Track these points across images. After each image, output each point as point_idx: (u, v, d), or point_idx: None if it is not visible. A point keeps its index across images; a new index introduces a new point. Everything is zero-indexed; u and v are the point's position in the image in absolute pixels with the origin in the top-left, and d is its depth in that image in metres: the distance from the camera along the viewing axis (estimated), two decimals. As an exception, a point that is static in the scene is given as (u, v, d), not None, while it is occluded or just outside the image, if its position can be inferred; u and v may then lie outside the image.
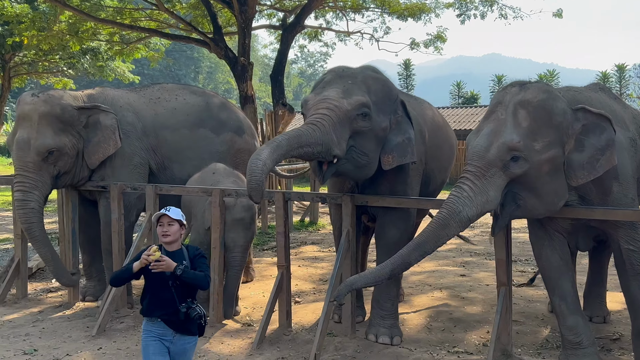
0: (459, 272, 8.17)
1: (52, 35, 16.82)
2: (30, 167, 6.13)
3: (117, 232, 6.33)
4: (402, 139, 5.11)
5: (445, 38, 18.72)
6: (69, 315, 6.31)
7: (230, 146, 7.19)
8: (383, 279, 4.23)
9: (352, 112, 4.79)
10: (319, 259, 9.24)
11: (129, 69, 23.93)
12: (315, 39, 19.64)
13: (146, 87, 7.37)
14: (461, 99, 39.03)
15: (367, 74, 5.12)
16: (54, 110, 6.24)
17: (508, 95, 4.32)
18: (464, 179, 4.22)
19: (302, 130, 4.68)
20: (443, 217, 4.17)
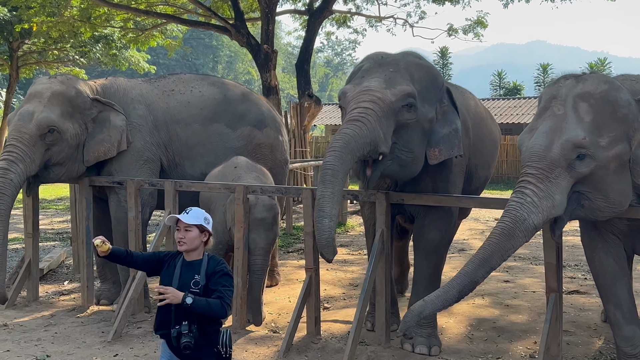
0: (502, 278, 8.12)
1: (63, 21, 17.04)
2: (25, 139, 6.13)
3: (134, 230, 6.41)
4: (449, 131, 5.06)
5: (486, 24, 18.60)
6: (82, 320, 6.38)
7: (249, 141, 7.20)
8: (452, 301, 4.06)
9: (397, 104, 4.72)
10: (349, 262, 9.25)
11: (144, 58, 24.16)
12: (344, 25, 19.60)
13: (162, 77, 7.43)
14: (503, 90, 38.75)
15: (409, 60, 5.05)
16: (69, 91, 6.36)
17: (563, 88, 4.23)
18: (526, 183, 4.08)
19: (348, 135, 4.52)
20: (507, 226, 4.02)
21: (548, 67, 38.60)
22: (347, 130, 4.57)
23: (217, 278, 3.45)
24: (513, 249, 4.08)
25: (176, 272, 3.51)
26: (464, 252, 9.95)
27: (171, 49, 20.16)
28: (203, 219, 3.52)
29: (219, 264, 3.53)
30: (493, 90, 39.94)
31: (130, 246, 6.41)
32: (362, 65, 5.13)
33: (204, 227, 3.51)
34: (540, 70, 38.91)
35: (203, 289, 3.44)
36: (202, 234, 3.52)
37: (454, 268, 8.57)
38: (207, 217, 3.56)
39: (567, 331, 5.76)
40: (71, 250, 8.90)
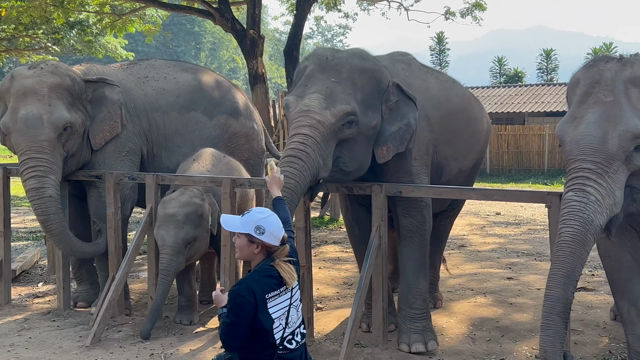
0: (505, 275, 8.13)
1: (34, 6, 16.89)
2: (45, 148, 5.99)
3: (113, 227, 6.36)
4: (398, 127, 5.21)
5: (484, 6, 18.61)
6: (58, 324, 6.33)
7: (225, 130, 7.23)
8: (564, 333, 3.83)
9: (337, 124, 4.90)
10: (342, 260, 9.24)
11: (122, 44, 24.01)
12: (334, 8, 19.56)
13: (133, 63, 7.40)
14: (503, 77, 38.81)
15: (353, 65, 5.15)
16: (65, 81, 6.26)
17: (607, 72, 4.09)
18: (585, 179, 3.91)
19: (292, 184, 4.68)
20: (578, 231, 3.83)
21: (551, 52, 38.69)
22: (289, 180, 4.65)
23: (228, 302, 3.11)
24: (587, 255, 3.91)
25: None
26: (464, 249, 9.95)
27: (150, 34, 20.04)
28: (253, 228, 3.09)
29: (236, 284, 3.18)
30: (493, 78, 39.99)
31: (109, 244, 6.37)
32: (306, 66, 5.28)
33: (254, 237, 3.10)
34: (543, 56, 39.00)
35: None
36: (253, 244, 3.12)
37: (454, 265, 8.63)
38: (261, 226, 3.09)
39: (575, 330, 5.77)
40: (45, 250, 8.84)
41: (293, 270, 3.15)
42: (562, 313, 3.79)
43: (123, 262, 6.15)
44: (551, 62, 38.74)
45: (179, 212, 5.82)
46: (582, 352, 5.34)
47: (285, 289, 3.12)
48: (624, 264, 4.63)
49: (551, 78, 37.48)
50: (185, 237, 5.81)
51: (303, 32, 16.87)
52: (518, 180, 22.10)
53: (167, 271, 5.81)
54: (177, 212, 5.82)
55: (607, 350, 5.40)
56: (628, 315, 4.65)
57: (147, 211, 6.23)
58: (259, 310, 3.01)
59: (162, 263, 5.81)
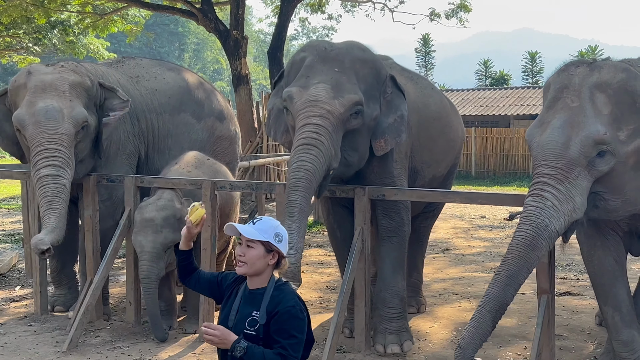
0: (489, 279, 8.03)
1: (14, 5, 16.72)
2: (65, 141, 5.75)
3: (90, 230, 6.28)
4: (393, 119, 5.23)
5: (469, 7, 18.69)
6: (35, 329, 6.25)
7: (211, 133, 7.20)
8: (489, 332, 3.95)
9: (346, 114, 4.88)
10: (325, 263, 9.19)
11: (104, 45, 23.88)
12: (319, 10, 19.54)
13: (121, 62, 7.25)
14: (489, 79, 38.96)
15: (354, 56, 5.14)
16: (85, 81, 6.10)
17: (576, 77, 4.11)
18: (543, 185, 3.96)
19: (309, 172, 4.68)
20: (529, 235, 3.89)
21: (537, 55, 38.88)
22: (306, 164, 4.70)
23: (283, 322, 2.77)
24: (538, 260, 3.99)
25: (235, 304, 2.90)
26: (449, 252, 9.94)
27: (132, 34, 19.91)
28: (273, 235, 2.84)
29: (287, 297, 2.84)
30: (479, 80, 40.12)
31: (87, 247, 6.30)
32: (304, 57, 5.20)
33: (273, 246, 2.84)
34: (528, 59, 39.17)
35: (263, 331, 2.79)
36: (270, 254, 2.84)
37: (438, 269, 8.60)
38: (279, 233, 2.86)
39: (560, 335, 5.75)
40: (23, 253, 8.73)
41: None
42: (494, 311, 3.91)
43: (101, 265, 6.07)
44: (536, 64, 38.93)
45: (157, 216, 5.70)
46: (567, 358, 5.33)
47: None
48: (607, 268, 4.63)
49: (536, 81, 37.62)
50: (164, 241, 5.68)
51: (288, 34, 16.85)
52: (503, 183, 22.15)
53: (149, 279, 5.67)
54: (154, 216, 5.69)
55: (593, 356, 5.38)
56: (612, 321, 4.64)
57: (125, 214, 6.15)
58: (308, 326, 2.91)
59: (143, 271, 5.66)
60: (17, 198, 16.93)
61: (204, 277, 3.15)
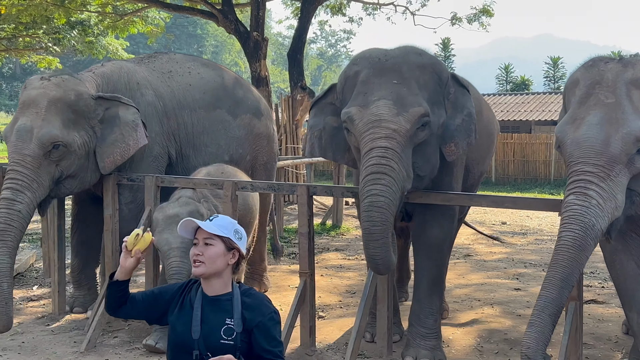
0: (513, 286, 8.02)
1: (35, 5, 16.82)
2: (28, 162, 5.68)
3: (110, 230, 6.26)
4: (461, 119, 4.99)
5: (492, 12, 18.62)
6: (53, 328, 6.25)
7: (249, 131, 7.09)
8: (550, 336, 3.84)
9: (412, 129, 4.60)
10: (345, 267, 9.13)
11: (123, 46, 23.96)
12: (339, 12, 19.51)
13: (152, 57, 7.14)
14: (510, 84, 38.76)
15: (412, 63, 4.83)
16: (67, 96, 5.92)
17: (608, 73, 4.06)
18: (586, 183, 3.87)
19: (381, 201, 4.44)
20: (578, 235, 3.81)
21: (558, 60, 38.65)
22: (379, 199, 4.44)
23: (269, 330, 2.67)
24: (586, 260, 3.92)
25: (195, 314, 2.69)
26: (470, 258, 9.85)
27: (152, 35, 19.98)
28: (232, 232, 2.71)
29: (264, 303, 2.72)
30: (499, 85, 39.94)
31: (106, 247, 6.28)
32: (358, 71, 4.91)
33: (233, 243, 2.70)
34: (550, 65, 38.96)
35: (241, 339, 2.65)
36: (230, 253, 2.70)
37: (460, 275, 8.52)
38: (238, 230, 2.74)
39: (586, 344, 5.64)
40: (41, 252, 8.74)
41: None
42: (553, 315, 3.80)
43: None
44: (558, 70, 38.70)
45: (181, 211, 5.48)
46: (594, 367, 5.23)
47: None
48: (629, 272, 4.57)
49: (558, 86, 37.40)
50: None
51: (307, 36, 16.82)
52: (524, 189, 21.97)
53: (180, 274, 5.35)
54: (179, 211, 5.48)
55: (620, 365, 5.30)
56: (638, 327, 4.56)
57: (145, 214, 6.11)
58: None
59: (173, 267, 5.33)
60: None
61: (137, 299, 2.87)
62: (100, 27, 20.24)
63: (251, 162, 7.16)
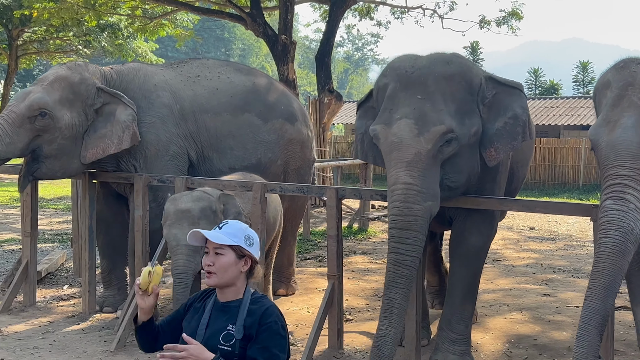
0: (542, 291, 7.95)
1: (66, 8, 17.06)
2: (11, 118, 6.02)
3: (140, 231, 6.31)
4: (503, 123, 4.89)
5: (521, 15, 18.52)
6: (83, 328, 6.32)
7: (280, 136, 7.09)
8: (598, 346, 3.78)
9: (435, 148, 4.55)
10: (372, 271, 9.12)
11: (152, 48, 24.20)
12: (367, 15, 19.51)
13: (183, 62, 7.29)
14: (539, 89, 38.45)
15: (438, 74, 4.73)
16: (72, 77, 6.25)
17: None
18: (623, 187, 3.85)
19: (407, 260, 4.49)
20: (618, 241, 3.77)
21: (588, 65, 38.26)
22: (405, 258, 4.49)
23: (264, 340, 2.57)
24: (627, 265, 3.86)
25: (204, 318, 2.68)
26: (498, 263, 9.78)
27: (181, 39, 20.12)
28: (243, 239, 2.64)
29: (268, 311, 2.62)
30: (528, 89, 39.59)
31: (137, 248, 6.32)
32: (386, 84, 4.89)
33: (244, 250, 2.65)
34: (579, 69, 38.57)
35: (239, 346, 2.58)
36: (242, 260, 2.65)
37: (488, 279, 8.47)
38: (250, 236, 2.67)
39: (617, 350, 5.59)
40: (71, 253, 8.85)
41: None
42: (600, 325, 3.75)
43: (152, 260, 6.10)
44: (588, 74, 38.31)
45: (193, 207, 5.41)
46: (625, 374, 5.18)
47: None
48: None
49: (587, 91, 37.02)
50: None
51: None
52: (552, 194, 21.79)
53: (185, 274, 5.31)
54: (190, 207, 5.41)
55: (652, 373, 5.24)
56: None
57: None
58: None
59: (178, 265, 5.32)
60: (64, 199, 17.21)
61: (164, 328, 2.84)
62: (129, 29, 20.46)
63: (282, 166, 7.17)
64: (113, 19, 20.49)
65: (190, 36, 20.68)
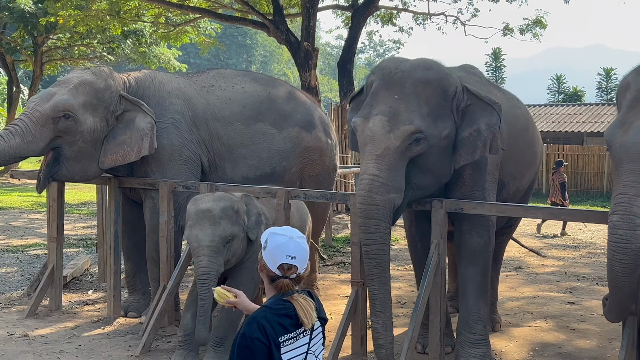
0: (566, 300, 7.89)
1: (91, 15, 17.22)
2: (35, 116, 6.10)
3: (165, 236, 6.35)
4: (468, 133, 5.18)
5: (545, 24, 18.47)
6: (108, 332, 6.37)
7: (296, 144, 7.10)
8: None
9: (402, 146, 4.90)
10: (394, 277, 9.00)
11: (175, 55, 24.35)
12: (389, 22, 19.53)
13: (200, 72, 7.36)
14: (562, 95, 38.23)
15: (416, 78, 5.08)
16: (97, 83, 6.34)
17: None
18: (630, 198, 3.95)
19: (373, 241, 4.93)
20: (628, 265, 3.95)
21: (611, 71, 38.00)
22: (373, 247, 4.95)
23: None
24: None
25: None
26: (521, 271, 9.72)
27: (205, 46, 20.24)
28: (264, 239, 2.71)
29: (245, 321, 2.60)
30: (551, 96, 39.40)
31: (161, 253, 6.36)
32: (372, 81, 5.27)
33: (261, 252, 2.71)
34: (602, 76, 38.31)
35: None
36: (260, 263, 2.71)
37: (511, 287, 8.43)
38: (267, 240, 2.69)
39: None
40: (96, 258, 8.92)
41: (312, 308, 2.64)
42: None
43: (175, 271, 6.13)
44: (611, 81, 38.03)
45: (214, 206, 5.38)
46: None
47: (303, 331, 2.61)
48: None
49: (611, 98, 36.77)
50: (223, 234, 5.30)
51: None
52: (575, 201, 21.58)
53: (208, 275, 5.22)
54: (212, 207, 5.38)
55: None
56: None
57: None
58: (272, 354, 2.51)
59: (201, 267, 5.23)
60: (88, 204, 17.36)
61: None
62: (153, 36, 20.62)
63: (298, 174, 7.17)
64: (137, 26, 20.65)
65: (214, 44, 20.79)
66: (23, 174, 8.52)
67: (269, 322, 2.52)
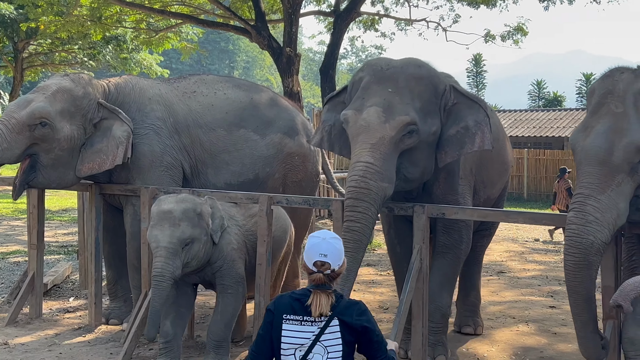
0: (547, 303, 7.93)
1: (72, 21, 17.15)
2: (11, 123, 6.03)
3: (146, 243, 6.27)
4: (455, 130, 5.27)
5: (526, 30, 18.57)
6: (89, 340, 6.31)
7: (279, 149, 7.09)
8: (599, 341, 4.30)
9: (397, 136, 4.95)
10: (377, 282, 9.11)
11: (157, 61, 24.27)
12: (372, 27, 19.59)
13: (182, 78, 7.33)
14: (542, 100, 38.52)
15: (409, 74, 5.20)
16: (75, 90, 6.29)
17: (620, 83, 4.18)
18: (585, 197, 4.02)
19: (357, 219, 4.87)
20: (579, 259, 4.03)
21: (591, 77, 38.33)
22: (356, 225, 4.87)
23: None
24: (596, 272, 4.15)
25: None
26: (503, 275, 9.77)
27: (186, 52, 20.20)
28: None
29: None
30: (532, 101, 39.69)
31: (143, 260, 6.31)
32: (362, 77, 5.32)
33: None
34: (582, 81, 38.64)
35: None
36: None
37: (493, 291, 8.47)
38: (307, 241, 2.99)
39: None
40: (77, 265, 8.85)
41: (327, 303, 2.87)
42: (597, 329, 4.24)
43: (156, 278, 6.08)
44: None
45: (175, 208, 5.34)
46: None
47: (312, 320, 2.87)
48: None
49: (591, 103, 37.09)
50: (182, 236, 5.24)
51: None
52: (556, 206, 21.74)
53: (162, 276, 5.15)
54: (173, 208, 5.34)
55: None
56: None
57: None
58: (274, 325, 2.89)
59: (157, 267, 5.17)
60: (69, 210, 17.24)
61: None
62: (135, 42, 20.56)
63: (281, 179, 7.16)
64: (118, 31, 20.57)
65: (195, 49, 20.75)
66: (3, 181, 8.43)
67: (284, 300, 2.96)
